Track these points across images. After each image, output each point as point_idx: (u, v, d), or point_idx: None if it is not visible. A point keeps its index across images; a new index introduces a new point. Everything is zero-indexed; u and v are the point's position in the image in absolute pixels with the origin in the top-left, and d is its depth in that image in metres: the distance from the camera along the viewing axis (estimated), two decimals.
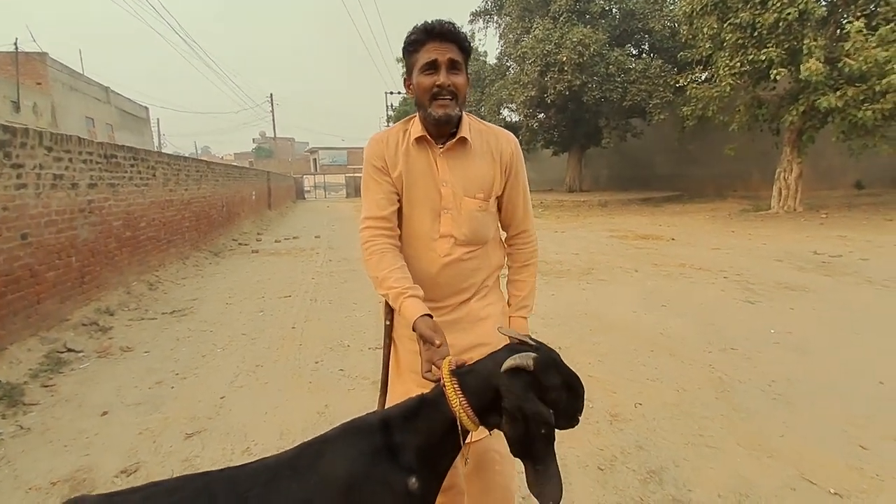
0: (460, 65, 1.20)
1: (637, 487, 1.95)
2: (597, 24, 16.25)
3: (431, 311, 1.20)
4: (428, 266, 1.28)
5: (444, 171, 1.26)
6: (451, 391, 0.95)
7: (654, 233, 9.56)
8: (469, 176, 1.26)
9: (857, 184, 14.53)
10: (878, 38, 8.31)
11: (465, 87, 1.21)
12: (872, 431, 2.29)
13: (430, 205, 1.27)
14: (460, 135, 1.24)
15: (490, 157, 1.27)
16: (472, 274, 1.31)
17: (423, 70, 1.18)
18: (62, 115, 16.45)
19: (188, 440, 2.41)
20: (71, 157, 4.41)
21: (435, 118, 1.19)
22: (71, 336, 3.83)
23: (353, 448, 0.90)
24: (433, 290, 1.28)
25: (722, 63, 10.78)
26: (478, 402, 0.94)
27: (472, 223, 1.27)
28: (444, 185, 1.26)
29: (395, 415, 0.97)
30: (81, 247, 4.47)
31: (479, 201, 1.26)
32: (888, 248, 6.80)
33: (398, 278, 1.19)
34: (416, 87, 1.21)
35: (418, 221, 1.28)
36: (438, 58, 1.17)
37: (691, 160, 18.60)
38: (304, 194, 36.37)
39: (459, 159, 1.26)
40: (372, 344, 3.72)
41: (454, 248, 1.27)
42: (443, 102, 1.18)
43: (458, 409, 0.93)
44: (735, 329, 3.79)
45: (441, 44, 1.17)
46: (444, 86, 1.17)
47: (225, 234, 10.14)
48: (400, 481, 0.87)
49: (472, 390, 0.95)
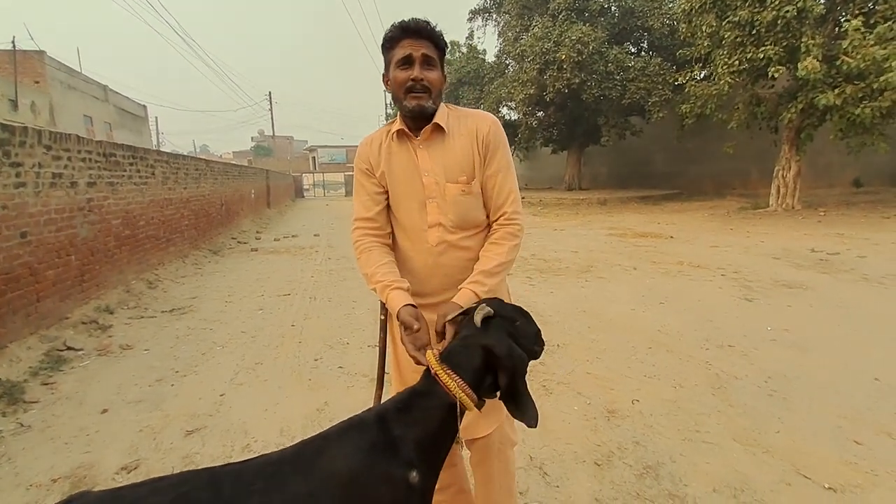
0: (434, 61, 1.24)
1: (633, 483, 1.97)
2: (596, 22, 16.23)
3: (432, 305, 1.25)
4: (423, 257, 1.32)
5: (425, 160, 1.29)
6: (445, 376, 1.00)
7: (653, 231, 9.58)
8: (449, 161, 1.28)
9: (856, 182, 14.54)
10: (876, 36, 8.32)
11: (439, 82, 1.25)
12: (867, 427, 2.31)
13: (415, 196, 1.30)
14: (435, 121, 1.26)
15: (467, 137, 1.29)
16: (469, 264, 1.31)
17: (398, 65, 1.23)
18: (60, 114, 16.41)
19: (188, 437, 2.42)
20: (70, 156, 4.41)
21: (409, 109, 1.24)
22: (71, 334, 3.84)
23: (352, 444, 0.91)
24: (430, 281, 1.32)
25: (720, 61, 10.78)
26: (471, 375, 1.00)
27: (457, 208, 1.29)
28: (425, 175, 1.29)
29: (389, 409, 0.99)
30: (81, 245, 4.48)
31: (461, 185, 1.28)
32: (885, 245, 6.83)
33: (384, 273, 1.28)
34: (393, 81, 1.26)
35: (407, 215, 1.33)
36: (413, 53, 1.21)
37: (690, 158, 18.60)
38: (304, 192, 36.34)
39: (438, 147, 1.29)
40: (371, 341, 3.73)
41: (445, 236, 1.29)
42: (416, 95, 1.22)
43: (457, 391, 0.97)
44: (732, 326, 3.81)
45: (416, 40, 1.22)
46: (417, 80, 1.22)
47: (224, 233, 10.14)
48: (400, 475, 0.89)
49: (462, 365, 1.01)
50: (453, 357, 1.04)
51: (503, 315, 1.10)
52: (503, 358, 1.01)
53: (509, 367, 1.01)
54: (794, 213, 10.76)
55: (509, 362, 1.01)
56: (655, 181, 20.10)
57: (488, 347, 1.02)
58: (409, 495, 0.89)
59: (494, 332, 1.05)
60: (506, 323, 1.09)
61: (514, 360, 1.02)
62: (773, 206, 11.53)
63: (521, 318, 1.13)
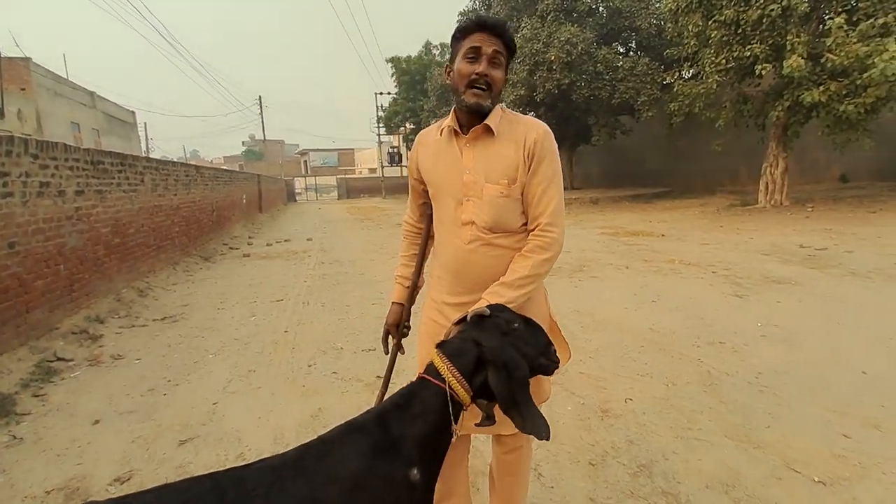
0: (502, 60, 1.24)
1: (627, 481, 1.99)
2: (584, 22, 16.35)
3: (461, 305, 1.31)
4: (454, 252, 1.34)
5: (469, 159, 1.29)
6: (438, 360, 1.03)
7: (645, 229, 9.66)
8: (492, 163, 1.27)
9: (842, 177, 14.76)
10: (859, 34, 8.46)
11: (501, 82, 1.24)
12: (855, 420, 2.35)
13: (454, 193, 1.31)
14: (486, 122, 1.26)
15: (514, 143, 1.27)
16: (496, 265, 1.29)
17: (465, 56, 1.22)
18: (47, 121, 16.23)
19: (181, 447, 2.41)
20: (57, 165, 4.37)
21: (467, 105, 1.23)
22: (61, 345, 3.80)
23: (353, 446, 0.92)
24: (462, 279, 1.34)
25: (707, 60, 10.91)
26: (462, 364, 1.02)
27: (493, 209, 1.27)
28: (467, 173, 1.29)
29: (388, 408, 1.00)
30: (70, 254, 4.44)
31: (501, 187, 1.26)
32: (872, 240, 6.93)
33: (400, 265, 1.56)
34: (456, 73, 1.25)
35: (444, 210, 1.35)
36: (483, 47, 1.20)
37: (680, 156, 18.77)
38: (296, 196, 36.20)
39: (484, 147, 1.28)
40: (365, 346, 3.73)
41: (477, 235, 1.29)
42: (477, 91, 1.22)
43: (448, 376, 1.00)
44: (723, 323, 3.85)
45: (488, 35, 1.21)
46: (482, 74, 1.21)
47: (215, 239, 10.08)
48: (402, 475, 0.90)
49: (454, 355, 1.04)
50: (446, 347, 1.07)
51: (500, 316, 1.10)
52: (490, 350, 1.01)
53: (499, 363, 1.00)
54: (783, 210, 10.89)
55: (497, 357, 1.01)
56: (646, 180, 20.26)
57: (477, 340, 1.04)
58: (411, 494, 0.91)
59: (487, 329, 1.07)
60: (501, 323, 1.09)
61: (504, 357, 1.01)
62: (762, 202, 11.66)
63: (523, 324, 1.11)
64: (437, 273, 1.43)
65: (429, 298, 1.47)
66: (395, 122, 31.20)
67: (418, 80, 27.86)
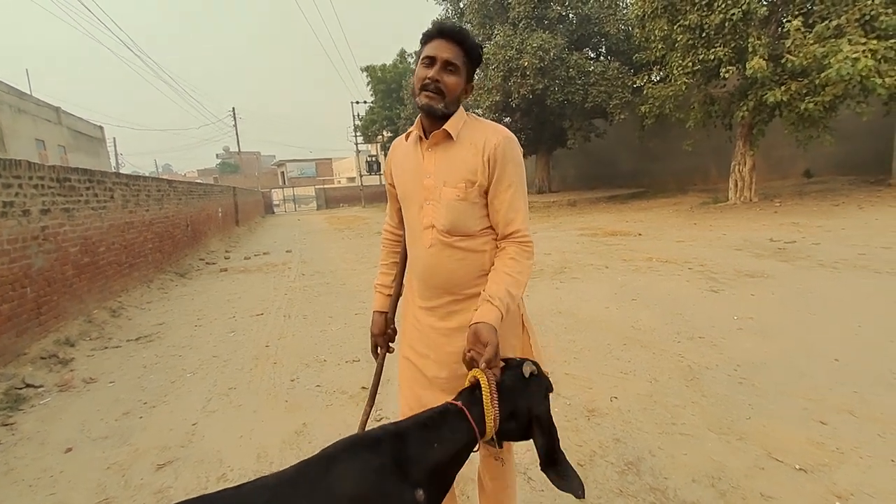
0: (457, 67, 1.25)
1: (616, 480, 2.00)
2: (555, 29, 16.66)
3: (427, 311, 1.35)
4: (419, 256, 1.36)
5: (430, 163, 1.31)
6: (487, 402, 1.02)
7: (622, 229, 9.83)
8: (451, 166, 1.28)
9: (807, 172, 15.33)
10: (815, 35, 8.84)
11: (455, 87, 1.26)
12: (830, 407, 2.42)
13: (416, 197, 1.34)
14: (444, 127, 1.28)
15: (473, 147, 1.28)
16: (459, 268, 1.29)
17: (422, 62, 1.27)
18: (11, 139, 15.63)
19: (160, 471, 2.32)
20: (21, 183, 4.21)
21: (419, 106, 1.28)
22: (29, 371, 3.64)
23: (359, 463, 0.89)
24: (428, 283, 1.36)
25: (675, 63, 11.24)
26: (505, 407, 1.03)
27: (451, 212, 1.28)
28: (427, 177, 1.31)
29: (411, 426, 0.98)
30: (36, 276, 4.27)
31: (458, 190, 1.27)
32: (837, 232, 7.21)
33: (380, 274, 1.58)
34: (414, 77, 1.30)
35: (410, 214, 1.38)
36: (437, 55, 1.24)
37: (653, 157, 19.24)
38: (274, 208, 35.67)
39: (444, 151, 1.30)
40: (349, 357, 3.68)
41: (438, 238, 1.30)
42: (428, 94, 1.24)
43: (489, 407, 1.01)
44: (701, 318, 3.94)
45: (445, 43, 1.24)
46: (432, 79, 1.23)
47: (191, 254, 9.84)
48: (409, 497, 0.88)
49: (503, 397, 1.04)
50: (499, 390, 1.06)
51: (542, 378, 1.14)
52: (542, 414, 1.06)
53: (544, 425, 1.06)
54: (752, 206, 11.25)
55: (546, 420, 1.06)
56: (621, 181, 20.67)
57: (530, 406, 1.06)
58: None
59: (537, 393, 1.10)
60: (544, 385, 1.13)
61: (551, 421, 1.07)
62: (733, 199, 12.02)
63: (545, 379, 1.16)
64: (409, 277, 1.48)
65: (405, 301, 1.50)
66: (372, 131, 31.10)
67: (394, 89, 27.89)
